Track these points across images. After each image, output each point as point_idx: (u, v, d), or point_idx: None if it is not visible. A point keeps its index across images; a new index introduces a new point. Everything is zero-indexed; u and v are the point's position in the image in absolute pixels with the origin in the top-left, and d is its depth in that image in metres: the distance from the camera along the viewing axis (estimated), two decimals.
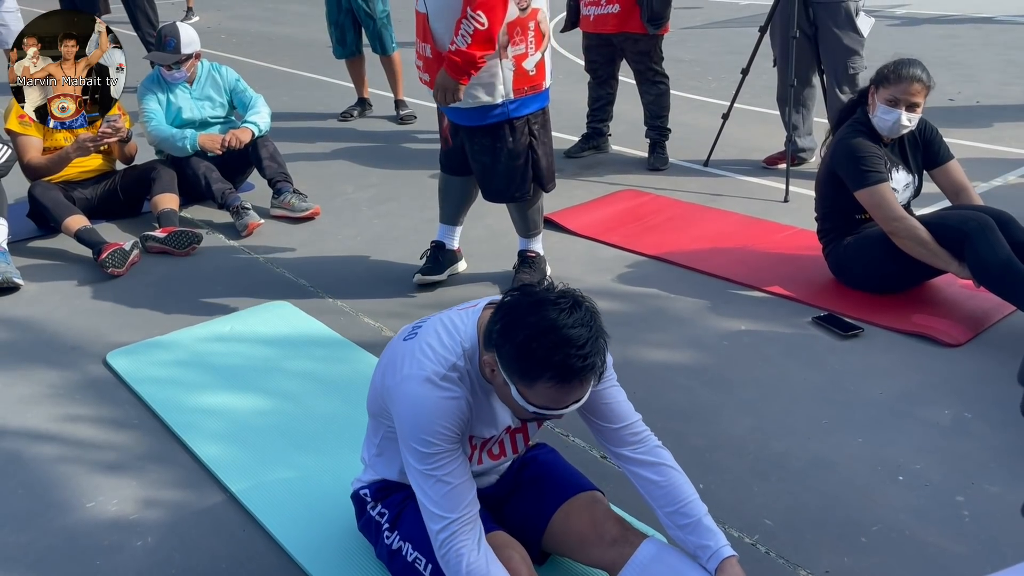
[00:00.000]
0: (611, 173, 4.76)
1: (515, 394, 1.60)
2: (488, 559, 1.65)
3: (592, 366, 1.55)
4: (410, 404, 1.67)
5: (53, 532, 2.20)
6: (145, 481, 2.37)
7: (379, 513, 1.91)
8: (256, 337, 3.11)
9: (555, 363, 1.52)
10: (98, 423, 2.66)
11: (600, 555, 1.80)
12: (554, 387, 1.55)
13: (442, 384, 1.66)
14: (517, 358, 1.56)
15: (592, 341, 1.55)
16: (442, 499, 1.66)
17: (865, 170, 3.07)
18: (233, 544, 2.13)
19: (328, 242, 3.99)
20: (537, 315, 1.55)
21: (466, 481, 1.69)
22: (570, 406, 1.61)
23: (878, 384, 2.70)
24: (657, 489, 1.80)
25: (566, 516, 1.86)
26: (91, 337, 3.18)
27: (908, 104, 3.05)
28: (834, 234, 3.28)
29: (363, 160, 5.14)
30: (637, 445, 1.82)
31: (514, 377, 1.58)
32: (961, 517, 2.13)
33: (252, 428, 2.57)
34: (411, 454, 1.68)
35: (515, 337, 1.55)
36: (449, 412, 1.65)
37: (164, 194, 4.03)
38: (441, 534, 1.66)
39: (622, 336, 3.02)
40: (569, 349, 1.52)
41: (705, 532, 1.76)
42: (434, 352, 1.69)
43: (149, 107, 4.22)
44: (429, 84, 3.06)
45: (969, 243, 2.90)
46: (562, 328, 1.53)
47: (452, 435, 1.66)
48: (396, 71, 5.84)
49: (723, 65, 7.23)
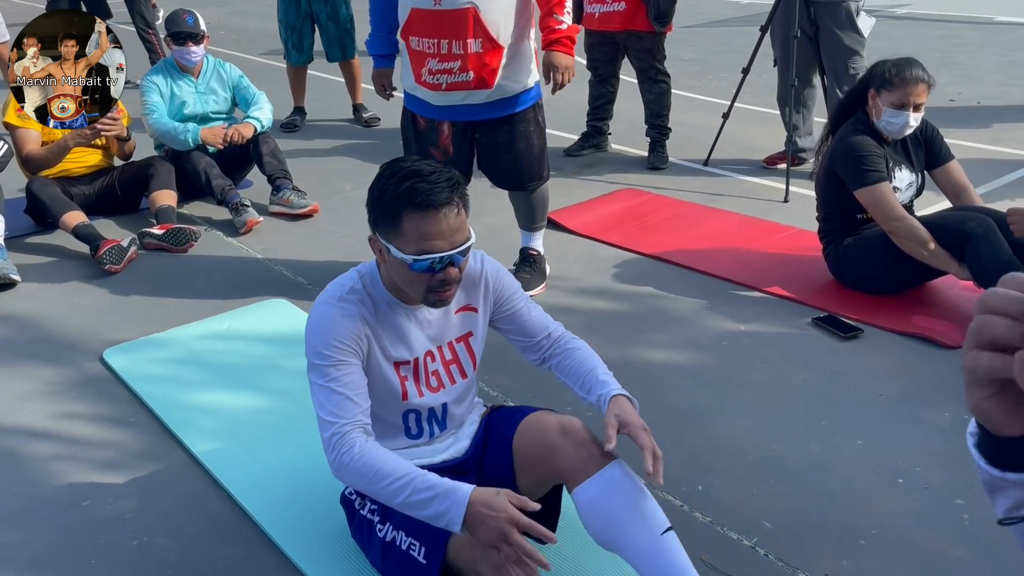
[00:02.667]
0: (611, 172, 4.75)
1: (394, 252, 1.69)
2: (380, 448, 1.70)
3: (441, 189, 1.65)
4: (310, 325, 1.78)
5: (48, 530, 2.18)
6: (142, 480, 2.36)
7: (369, 511, 1.90)
8: (253, 335, 3.09)
9: (405, 191, 1.66)
10: (94, 420, 2.64)
11: (567, 459, 1.77)
12: (414, 219, 1.65)
13: (338, 304, 1.77)
14: (379, 208, 1.71)
15: (438, 172, 1.68)
16: (335, 407, 1.72)
17: (865, 169, 3.06)
18: (229, 543, 2.12)
19: (326, 240, 3.98)
20: (391, 168, 1.72)
21: (360, 395, 1.75)
22: (448, 250, 1.67)
23: (878, 386, 2.69)
24: (563, 373, 1.95)
25: (523, 436, 1.86)
26: (88, 334, 3.16)
27: (914, 105, 3.04)
28: (834, 235, 3.27)
29: (362, 158, 5.13)
30: (551, 349, 1.98)
31: (386, 234, 1.71)
32: (961, 520, 2.12)
33: (249, 426, 2.56)
34: (312, 371, 1.76)
35: (375, 193, 1.73)
36: (342, 326, 1.75)
37: (162, 191, 4.02)
38: (332, 438, 1.70)
39: (620, 336, 3.01)
40: (416, 177, 1.66)
41: (595, 386, 1.87)
42: (333, 284, 1.84)
43: (151, 100, 4.22)
44: (470, 84, 2.94)
45: (970, 245, 2.89)
46: (409, 167, 1.70)
47: (347, 348, 1.74)
48: (356, 76, 5.80)
49: (724, 64, 7.22)
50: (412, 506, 1.62)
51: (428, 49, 2.92)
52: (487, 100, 3.01)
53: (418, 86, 3.03)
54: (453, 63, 2.92)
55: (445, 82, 2.96)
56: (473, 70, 2.93)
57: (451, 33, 2.88)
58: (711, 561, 2.00)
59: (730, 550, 2.04)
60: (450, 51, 2.90)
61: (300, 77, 5.79)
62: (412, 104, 3.15)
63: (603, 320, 3.13)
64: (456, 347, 1.92)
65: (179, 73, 4.34)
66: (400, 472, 1.64)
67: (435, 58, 2.93)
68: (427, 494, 1.61)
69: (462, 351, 1.93)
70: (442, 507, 1.59)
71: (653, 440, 1.73)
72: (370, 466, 1.66)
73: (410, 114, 3.19)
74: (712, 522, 2.14)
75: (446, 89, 2.98)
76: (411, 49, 2.97)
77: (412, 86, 3.07)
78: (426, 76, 2.96)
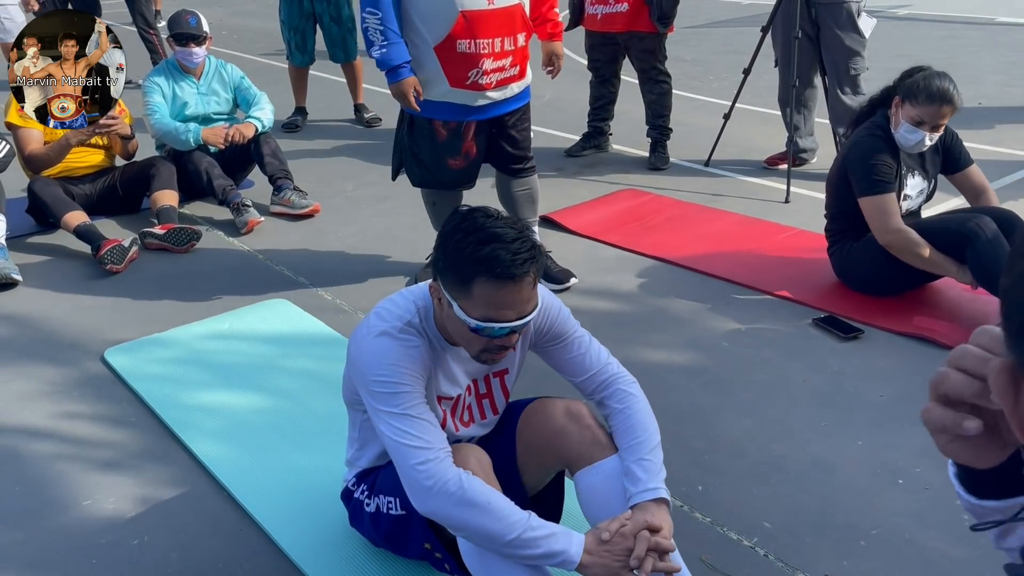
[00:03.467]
0: (612, 172, 4.75)
1: (457, 311, 1.61)
2: (481, 481, 1.62)
3: (522, 261, 1.56)
4: (370, 355, 1.68)
5: (50, 530, 2.19)
6: (142, 479, 2.37)
7: (362, 491, 1.91)
8: (255, 335, 3.10)
9: (484, 256, 1.56)
10: (96, 420, 2.65)
11: (572, 442, 1.76)
12: (489, 287, 1.57)
13: (399, 336, 1.69)
14: (450, 263, 1.61)
15: (521, 239, 1.58)
16: (422, 432, 1.63)
17: (874, 178, 3.03)
18: (230, 543, 2.12)
19: (328, 240, 3.98)
20: (468, 222, 1.61)
21: (438, 425, 1.68)
22: (514, 320, 1.61)
23: (878, 386, 2.69)
24: (616, 429, 1.82)
25: (528, 420, 1.83)
26: (89, 334, 3.17)
27: (934, 126, 2.99)
28: (841, 235, 3.25)
29: (363, 158, 5.14)
30: (602, 392, 1.85)
31: (452, 289, 1.61)
32: (961, 521, 2.12)
33: (250, 426, 2.56)
34: (378, 400, 1.66)
35: (448, 245, 1.61)
36: (409, 356, 1.67)
37: (163, 191, 4.03)
38: (426, 464, 1.60)
39: (622, 337, 3.01)
40: (497, 243, 1.56)
41: (631, 475, 1.73)
42: (388, 313, 1.73)
43: (153, 100, 4.23)
44: (516, 77, 3.06)
45: (970, 247, 2.89)
46: (490, 228, 1.59)
47: (415, 377, 1.67)
48: (358, 76, 5.82)
49: (725, 65, 7.22)
50: (526, 543, 1.56)
51: (484, 49, 2.94)
52: (518, 91, 3.12)
53: (456, 90, 2.99)
54: (506, 59, 3.00)
55: (496, 79, 3.01)
56: (519, 63, 3.06)
57: (505, 30, 2.97)
58: (711, 561, 2.00)
59: (730, 550, 2.05)
60: (503, 48, 2.98)
61: (302, 77, 5.79)
62: (436, 112, 3.06)
63: (604, 320, 3.13)
64: (492, 382, 1.88)
65: (181, 74, 4.34)
66: (513, 508, 1.58)
67: (490, 57, 2.96)
68: (542, 532, 1.57)
69: (496, 386, 1.89)
70: (558, 546, 1.56)
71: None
72: (482, 495, 1.58)
73: (429, 125, 3.10)
74: (712, 522, 2.14)
75: (496, 85, 3.01)
76: (456, 53, 2.92)
77: (444, 92, 3.01)
78: (477, 77, 2.97)
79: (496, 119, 3.16)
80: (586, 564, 1.56)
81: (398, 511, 1.80)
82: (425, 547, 1.80)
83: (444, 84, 2.99)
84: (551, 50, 3.36)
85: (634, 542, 1.59)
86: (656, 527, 1.62)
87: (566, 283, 3.37)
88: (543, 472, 1.85)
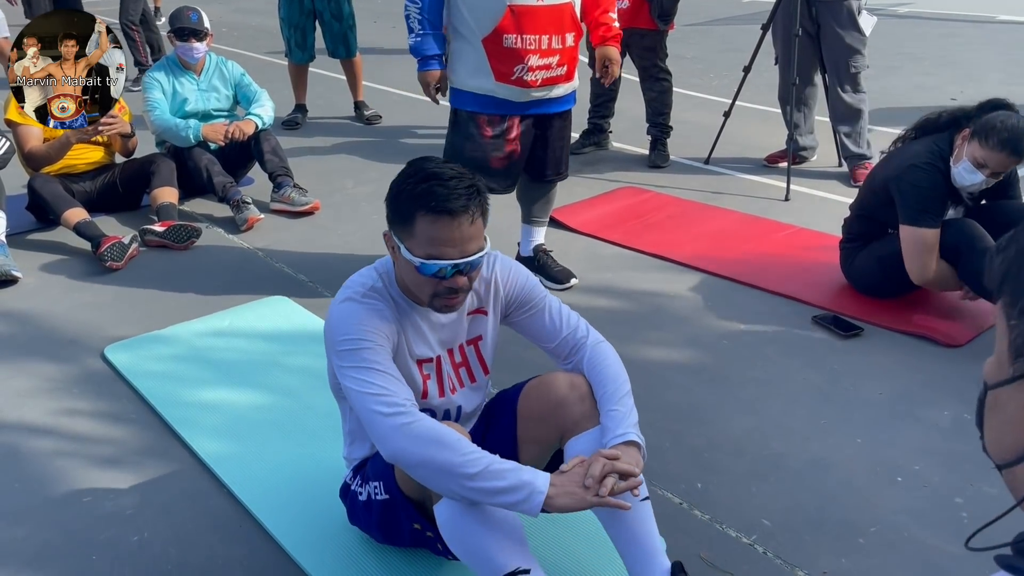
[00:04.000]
0: (612, 170, 4.75)
1: (404, 252, 1.67)
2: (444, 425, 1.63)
3: (458, 196, 1.61)
4: (335, 320, 1.72)
5: (49, 527, 2.19)
6: (142, 476, 2.37)
7: (356, 483, 1.92)
8: (255, 332, 3.10)
9: (421, 192, 1.63)
10: (96, 417, 2.65)
11: (572, 411, 1.76)
12: (426, 222, 1.63)
13: (363, 300, 1.74)
14: (395, 205, 1.68)
15: (459, 178, 1.64)
16: (384, 383, 1.63)
17: (923, 211, 2.88)
18: (230, 541, 2.12)
19: (328, 237, 3.98)
20: (414, 167, 1.69)
21: (404, 382, 1.67)
22: (457, 258, 1.64)
23: (878, 384, 2.70)
24: None
25: (529, 394, 1.83)
26: (89, 331, 3.17)
27: (994, 173, 2.83)
28: (859, 237, 3.20)
29: (363, 155, 5.14)
30: (575, 356, 1.87)
31: (398, 231, 1.68)
32: (960, 519, 2.12)
33: (250, 423, 2.56)
34: (343, 358, 1.67)
35: (394, 190, 1.70)
36: (372, 316, 1.71)
37: (163, 188, 4.02)
38: (391, 408, 1.59)
39: (621, 334, 3.01)
40: (435, 180, 1.63)
41: (602, 428, 1.75)
42: (352, 282, 1.79)
43: (153, 96, 4.23)
44: (563, 78, 3.04)
45: (962, 259, 2.87)
46: (431, 168, 1.66)
47: (380, 335, 1.70)
48: (358, 73, 5.82)
49: (725, 62, 7.22)
50: (492, 475, 1.53)
51: (530, 45, 2.93)
52: (564, 93, 3.12)
53: (502, 85, 2.98)
54: (553, 58, 2.98)
55: (543, 77, 2.99)
56: (567, 64, 3.03)
57: (553, 28, 2.95)
58: (710, 559, 2.00)
59: (729, 548, 2.05)
60: (550, 46, 2.96)
61: (302, 75, 5.79)
62: (480, 105, 3.04)
63: (604, 318, 3.13)
64: (466, 350, 1.90)
65: (181, 70, 4.34)
66: (477, 447, 1.57)
67: (536, 54, 2.95)
68: (508, 465, 1.55)
69: (471, 354, 1.91)
70: (526, 476, 1.54)
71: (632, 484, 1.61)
72: (447, 433, 1.57)
73: (474, 121, 3.07)
74: (711, 520, 2.15)
75: (542, 84, 3.00)
76: (502, 47, 2.92)
77: (491, 87, 2.99)
78: (522, 73, 2.96)
79: (541, 121, 3.13)
80: (551, 496, 1.53)
81: (383, 495, 1.81)
82: (415, 528, 1.79)
83: (490, 78, 2.98)
84: (604, 55, 3.18)
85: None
86: (612, 455, 1.61)
87: (567, 283, 3.37)
88: (542, 451, 1.85)
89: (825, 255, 3.46)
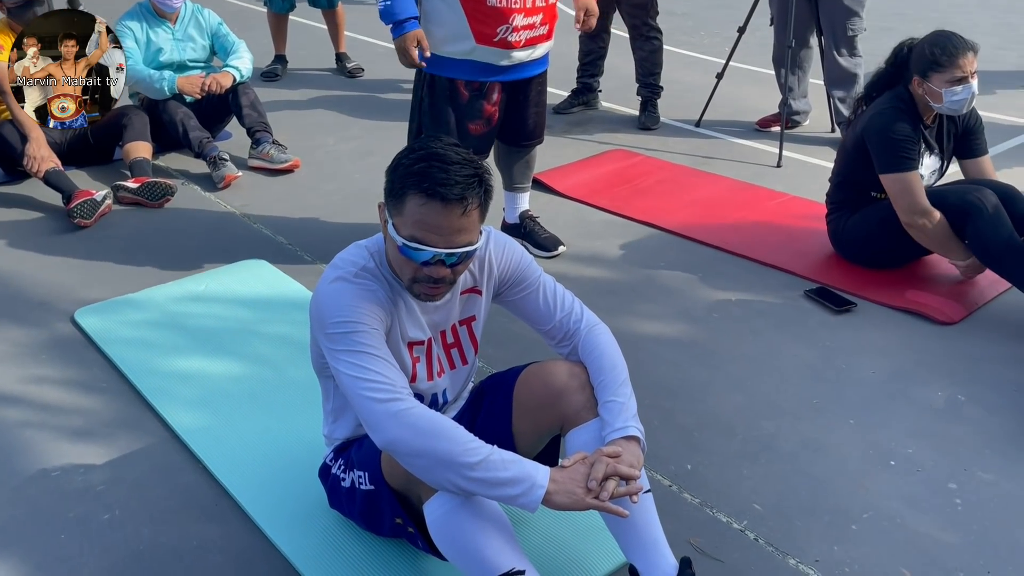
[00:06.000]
0: (601, 131, 4.64)
1: (390, 228, 1.60)
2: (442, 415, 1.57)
3: (455, 184, 1.53)
4: (327, 301, 1.63)
5: (15, 503, 2.10)
6: (114, 450, 2.28)
7: (339, 466, 1.86)
8: (232, 297, 2.99)
9: (418, 171, 1.54)
10: (65, 386, 2.55)
11: (572, 400, 1.71)
12: (416, 203, 1.54)
13: (355, 280, 1.65)
14: (390, 177, 1.60)
15: (463, 165, 1.55)
16: (379, 368, 1.56)
17: (900, 155, 2.90)
18: (204, 520, 2.05)
19: (308, 196, 3.86)
20: (420, 142, 1.60)
21: (398, 367, 1.61)
22: (441, 247, 1.55)
23: (870, 362, 2.65)
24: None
25: (528, 380, 1.76)
26: (59, 293, 3.05)
27: (971, 74, 2.85)
28: (843, 205, 3.16)
29: (345, 111, 4.98)
30: (570, 341, 1.81)
31: (391, 205, 1.60)
32: (954, 505, 2.09)
33: (226, 395, 2.48)
34: (335, 342, 1.59)
35: (394, 162, 1.61)
36: (366, 298, 1.63)
37: (136, 142, 3.88)
38: (387, 395, 1.53)
39: (610, 306, 2.94)
40: (437, 161, 1.54)
41: (601, 420, 1.69)
42: (343, 261, 1.70)
43: (126, 46, 4.04)
44: (544, 37, 2.93)
45: (970, 221, 2.82)
46: (436, 148, 1.57)
47: (374, 318, 1.62)
48: (340, 24, 5.65)
49: (716, 20, 7.07)
50: (493, 466, 1.48)
51: (515, 4, 2.80)
52: (544, 54, 3.01)
53: (482, 47, 2.84)
54: (536, 16, 2.86)
55: (526, 37, 2.87)
56: (549, 21, 2.92)
57: None
58: (700, 545, 1.95)
59: (719, 533, 2.00)
60: (534, 4, 2.83)
61: (282, 24, 5.60)
62: (458, 71, 2.91)
63: (592, 289, 3.05)
64: (459, 330, 1.83)
65: (156, 19, 4.16)
66: (476, 438, 1.52)
67: (521, 12, 2.81)
68: (509, 456, 1.50)
69: (464, 335, 1.84)
70: (529, 468, 1.50)
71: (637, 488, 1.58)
72: (446, 423, 1.51)
73: (451, 85, 2.93)
74: (701, 503, 2.10)
75: (525, 44, 2.87)
76: (486, 7, 2.77)
77: (469, 50, 2.85)
78: (507, 33, 2.82)
79: (519, 85, 3.01)
80: (551, 492, 1.49)
81: (368, 486, 1.75)
82: (396, 522, 1.74)
83: (469, 41, 2.83)
84: (585, 4, 3.07)
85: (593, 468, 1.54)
86: (614, 453, 1.57)
87: (554, 251, 3.28)
88: (538, 437, 1.78)
89: (817, 224, 3.39)
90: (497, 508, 1.61)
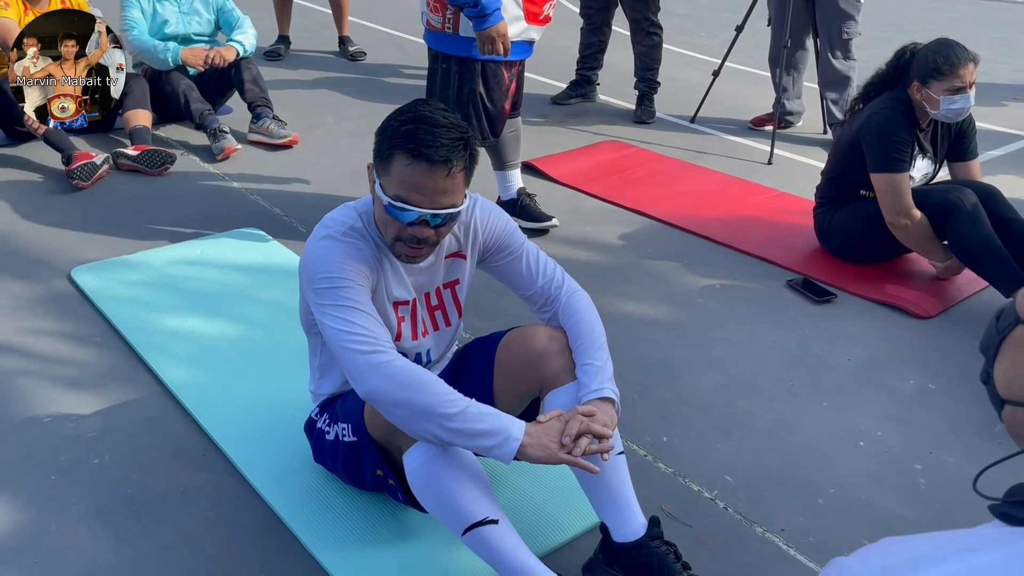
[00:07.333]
0: (597, 123, 4.71)
1: (377, 188, 1.64)
2: None
3: (441, 145, 1.57)
4: (314, 257, 1.68)
5: (8, 445, 2.16)
6: (106, 400, 2.34)
7: (324, 420, 1.91)
8: (226, 263, 3.05)
9: (405, 132, 1.59)
10: (60, 338, 2.61)
11: (552, 363, 1.75)
12: (402, 163, 1.59)
13: (343, 238, 1.70)
14: (379, 137, 1.64)
15: (450, 128, 1.59)
16: (364, 322, 1.61)
17: (892, 155, 2.95)
18: (192, 468, 2.11)
19: (305, 172, 3.91)
20: (411, 104, 1.64)
21: (383, 323, 1.66)
22: (425, 208, 1.60)
23: (847, 350, 2.72)
24: None
25: (509, 345, 1.81)
26: (56, 251, 3.10)
27: (970, 84, 2.91)
28: (831, 201, 3.22)
29: (345, 92, 5.04)
30: (551, 306, 1.85)
31: (378, 165, 1.65)
32: (917, 484, 2.16)
33: (217, 353, 2.53)
34: (321, 296, 1.64)
35: (384, 121, 1.65)
36: (353, 256, 1.68)
37: (136, 110, 3.93)
38: (370, 346, 1.58)
39: (596, 286, 3.00)
40: (424, 123, 1.58)
41: (582, 377, 1.74)
42: (331, 220, 1.75)
43: (131, 16, 4.10)
44: (544, 19, 2.97)
45: (950, 219, 2.89)
46: (425, 111, 1.61)
47: (360, 274, 1.67)
48: (344, 7, 5.68)
49: (716, 22, 7.14)
50: (470, 417, 1.53)
51: None
52: (524, 39, 3.05)
53: (532, 27, 2.91)
54: None
55: (551, 12, 2.98)
56: (543, 5, 2.96)
57: None
58: (671, 511, 2.02)
59: (690, 501, 2.07)
60: None
61: (286, 5, 5.65)
62: (513, 53, 2.93)
63: (581, 270, 3.11)
64: (443, 293, 1.88)
65: None
66: (452, 389, 1.57)
67: None
68: (486, 409, 1.56)
69: (448, 298, 1.89)
70: (505, 420, 1.55)
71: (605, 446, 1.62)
72: (426, 375, 1.56)
73: (499, 71, 2.96)
74: (675, 473, 2.16)
75: (547, 21, 2.97)
76: None
77: (522, 30, 2.89)
78: (549, 10, 2.93)
79: (516, 65, 3.09)
80: (525, 444, 1.54)
81: (351, 437, 1.81)
82: (377, 474, 1.79)
83: (522, 21, 2.89)
84: None
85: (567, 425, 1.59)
86: (589, 412, 1.62)
87: (546, 221, 3.35)
88: (518, 399, 1.83)
89: (804, 220, 3.46)
90: (474, 460, 1.67)
